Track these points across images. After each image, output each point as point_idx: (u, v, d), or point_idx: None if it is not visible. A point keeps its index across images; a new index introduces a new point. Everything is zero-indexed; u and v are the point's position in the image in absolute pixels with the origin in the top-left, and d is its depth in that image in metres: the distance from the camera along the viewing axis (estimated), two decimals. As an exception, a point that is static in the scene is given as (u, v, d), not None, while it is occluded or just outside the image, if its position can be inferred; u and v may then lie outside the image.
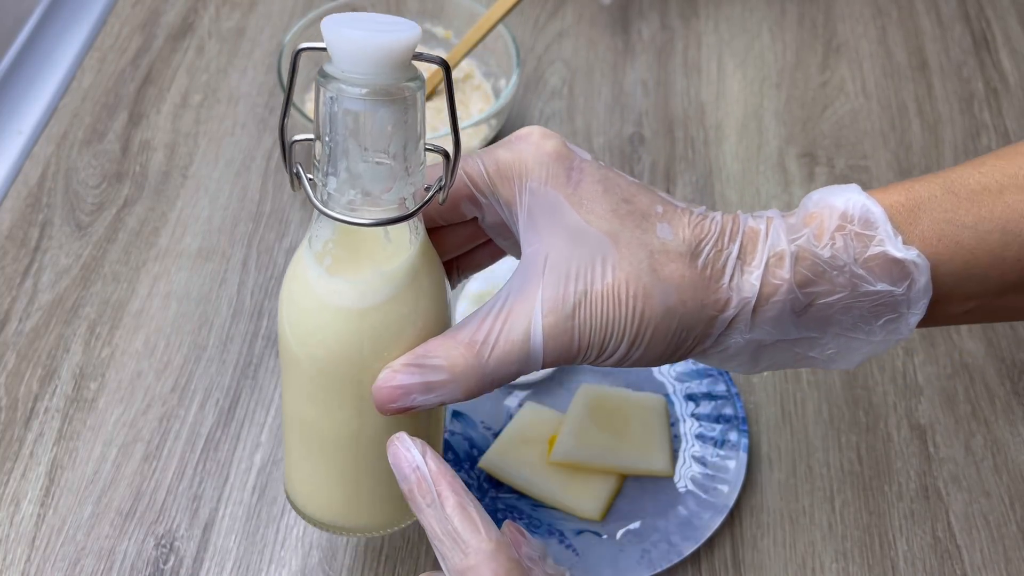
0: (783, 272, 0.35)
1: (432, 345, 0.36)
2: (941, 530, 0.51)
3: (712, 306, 0.36)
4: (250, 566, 0.49)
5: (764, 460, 0.53)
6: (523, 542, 0.36)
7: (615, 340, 0.35)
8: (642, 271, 0.35)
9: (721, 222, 0.36)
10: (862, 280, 0.35)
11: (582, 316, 0.35)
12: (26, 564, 0.49)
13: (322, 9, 0.67)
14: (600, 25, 0.77)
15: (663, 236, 0.35)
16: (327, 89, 0.33)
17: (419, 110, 0.34)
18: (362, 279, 0.36)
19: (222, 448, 0.53)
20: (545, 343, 0.35)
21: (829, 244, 0.35)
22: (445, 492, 0.34)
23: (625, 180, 0.37)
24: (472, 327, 0.35)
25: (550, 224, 0.36)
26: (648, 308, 0.35)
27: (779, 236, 0.36)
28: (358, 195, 0.34)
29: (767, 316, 0.36)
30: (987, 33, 0.76)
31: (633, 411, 0.51)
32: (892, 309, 0.36)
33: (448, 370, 0.35)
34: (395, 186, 0.34)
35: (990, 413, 0.55)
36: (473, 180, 0.37)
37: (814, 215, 0.36)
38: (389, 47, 0.32)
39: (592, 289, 0.35)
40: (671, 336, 0.36)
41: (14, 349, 0.57)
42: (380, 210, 0.35)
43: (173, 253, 0.62)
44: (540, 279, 0.35)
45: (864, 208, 0.35)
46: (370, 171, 0.34)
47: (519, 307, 0.35)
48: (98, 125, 0.69)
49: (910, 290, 0.36)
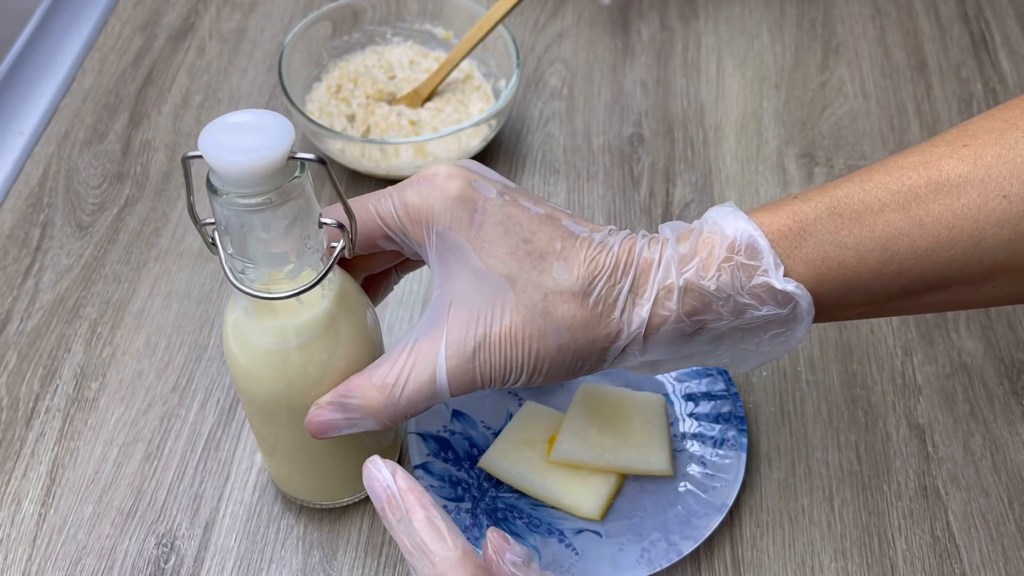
0: (671, 304, 0.38)
1: (352, 384, 0.40)
2: (940, 529, 0.51)
3: (603, 339, 0.39)
4: (251, 565, 0.49)
5: (763, 459, 0.53)
6: (507, 548, 0.36)
7: (515, 375, 0.39)
8: (536, 313, 0.38)
9: (617, 254, 0.39)
10: (748, 307, 0.38)
11: (482, 357, 0.39)
12: (27, 563, 0.49)
13: (322, 10, 0.67)
14: (600, 26, 0.77)
15: (558, 276, 0.38)
16: (216, 200, 0.35)
17: (306, 196, 0.36)
18: (281, 326, 0.40)
19: (223, 447, 0.53)
20: (450, 382, 0.39)
21: (715, 276, 0.38)
22: (413, 507, 0.35)
23: (528, 215, 0.39)
24: (386, 367, 0.40)
25: (456, 266, 0.39)
26: (542, 347, 0.38)
27: (669, 269, 0.38)
28: (265, 274, 0.37)
29: (658, 341, 0.39)
30: (986, 34, 0.76)
31: (633, 411, 0.52)
32: (779, 325, 0.39)
33: (364, 408, 0.40)
34: (297, 262, 0.38)
35: (989, 413, 0.55)
36: (386, 222, 0.40)
37: (706, 241, 0.38)
38: (265, 163, 0.34)
39: (491, 332, 0.38)
40: (567, 366, 0.39)
41: (15, 349, 0.57)
42: (288, 283, 0.38)
43: (174, 253, 0.62)
44: (445, 322, 0.39)
45: (750, 238, 0.38)
46: (271, 257, 0.37)
47: (426, 348, 0.39)
48: (99, 125, 0.69)
49: (795, 311, 0.38)
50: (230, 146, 0.34)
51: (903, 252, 0.37)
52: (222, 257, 0.38)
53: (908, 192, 0.37)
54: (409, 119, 0.65)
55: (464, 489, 0.50)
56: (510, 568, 0.36)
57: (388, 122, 0.65)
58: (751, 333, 0.40)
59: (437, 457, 0.51)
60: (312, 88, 0.68)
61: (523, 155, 0.68)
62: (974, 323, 0.59)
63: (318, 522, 0.51)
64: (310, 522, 0.51)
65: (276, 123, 0.35)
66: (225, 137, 0.34)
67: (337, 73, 0.69)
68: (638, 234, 0.40)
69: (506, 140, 0.69)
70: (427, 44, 0.71)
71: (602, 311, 0.38)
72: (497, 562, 0.36)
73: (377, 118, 0.66)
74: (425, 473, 0.50)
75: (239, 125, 0.35)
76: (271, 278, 0.38)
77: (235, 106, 0.70)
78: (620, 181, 0.66)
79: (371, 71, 0.69)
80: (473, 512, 0.49)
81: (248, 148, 0.34)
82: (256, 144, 0.34)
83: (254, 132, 0.34)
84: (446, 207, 0.39)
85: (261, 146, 0.34)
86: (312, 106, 0.67)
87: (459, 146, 0.63)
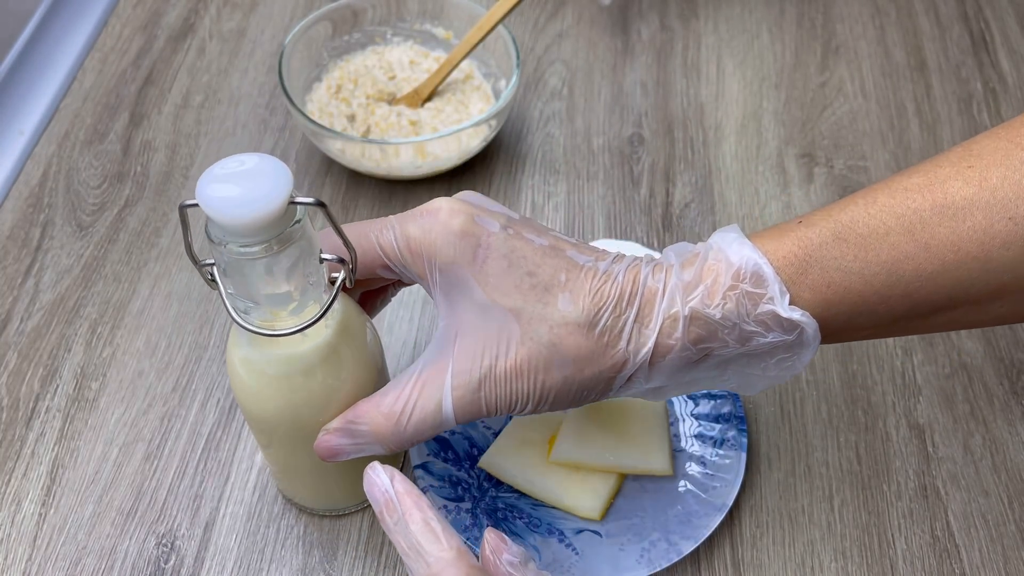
0: (677, 333, 0.38)
1: (360, 411, 0.41)
2: (940, 529, 0.51)
3: (609, 369, 0.39)
4: (251, 565, 0.49)
5: (763, 459, 0.53)
6: (504, 548, 0.37)
7: (520, 405, 0.40)
8: (542, 346, 0.38)
9: (622, 283, 0.39)
10: (753, 334, 0.38)
11: (487, 388, 0.39)
12: (27, 563, 0.49)
13: (322, 11, 0.67)
14: (600, 26, 0.77)
15: (563, 308, 0.38)
16: (217, 249, 0.35)
17: (307, 237, 0.36)
18: (286, 355, 0.40)
19: (223, 447, 0.53)
20: (455, 412, 0.39)
21: (721, 304, 0.38)
22: (410, 510, 0.36)
23: (532, 247, 0.39)
24: (393, 395, 0.40)
25: (461, 300, 0.39)
26: (548, 379, 0.39)
27: (674, 298, 0.38)
28: (267, 312, 0.37)
29: (664, 369, 0.39)
30: (986, 33, 0.76)
31: (632, 411, 0.52)
32: (785, 350, 0.39)
33: (372, 435, 0.40)
34: (301, 299, 0.38)
35: (988, 413, 0.55)
36: (387, 253, 0.40)
37: (711, 268, 0.38)
38: (264, 214, 0.34)
39: (496, 365, 0.38)
40: (572, 396, 0.40)
41: (15, 349, 0.57)
42: (292, 319, 0.38)
43: (174, 253, 0.62)
44: (451, 354, 0.39)
45: (756, 266, 0.38)
46: (274, 298, 0.37)
47: (433, 379, 0.39)
48: (99, 125, 0.69)
49: (801, 337, 0.38)
50: (228, 198, 0.33)
51: (909, 275, 0.37)
52: (223, 295, 0.37)
53: (913, 215, 0.37)
54: (409, 119, 0.65)
55: (464, 489, 0.50)
56: (507, 568, 0.36)
57: (388, 122, 0.65)
58: (757, 359, 0.40)
59: (437, 457, 0.51)
60: (312, 88, 0.68)
61: (523, 155, 0.68)
62: (974, 323, 0.59)
63: (318, 522, 0.51)
64: (310, 522, 0.51)
65: (273, 169, 0.34)
66: (222, 187, 0.33)
67: (337, 73, 0.69)
68: (642, 261, 0.40)
69: (506, 140, 0.69)
70: (427, 44, 0.71)
71: (608, 342, 0.38)
72: (494, 562, 0.36)
73: (377, 118, 0.66)
74: (425, 473, 0.50)
75: (235, 174, 0.34)
76: (274, 315, 0.38)
77: (236, 106, 0.70)
78: (620, 181, 0.67)
79: (371, 71, 0.69)
80: (473, 512, 0.49)
81: (246, 199, 0.33)
82: (254, 194, 0.33)
83: (251, 180, 0.34)
84: (449, 242, 0.39)
85: (259, 196, 0.33)
86: (312, 106, 0.67)
87: (459, 146, 0.63)
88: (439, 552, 0.35)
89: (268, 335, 0.38)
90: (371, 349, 0.43)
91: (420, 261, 0.40)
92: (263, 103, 0.71)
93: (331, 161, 0.67)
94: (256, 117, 0.70)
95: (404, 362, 0.57)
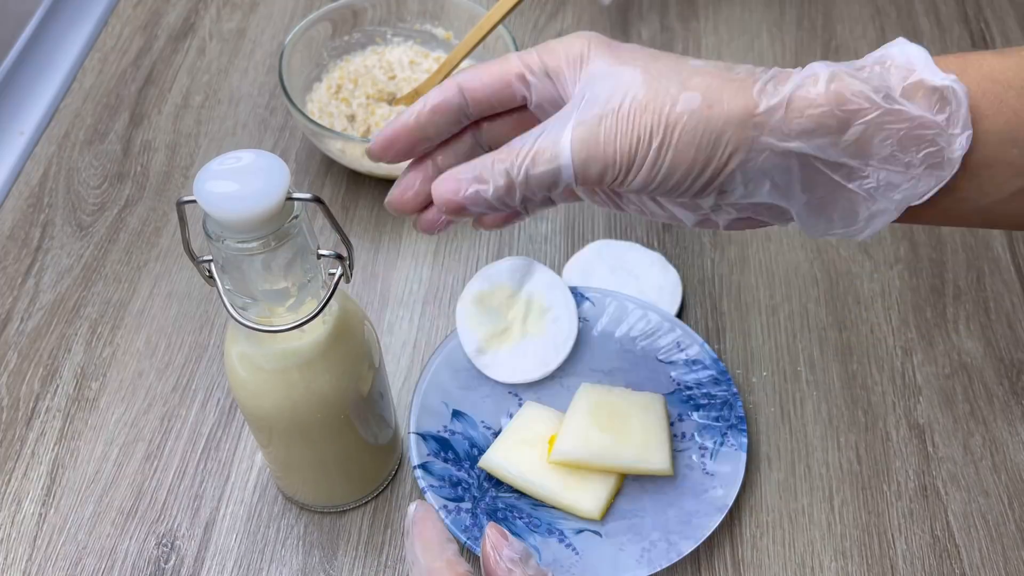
0: (818, 87, 0.36)
1: (484, 156, 0.39)
2: (940, 529, 0.51)
3: (740, 111, 0.36)
4: (251, 565, 0.49)
5: (763, 460, 0.53)
6: (505, 544, 0.36)
7: (643, 145, 0.37)
8: (671, 83, 0.37)
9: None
10: (898, 103, 0.36)
11: (608, 123, 0.37)
12: (27, 563, 0.49)
13: (322, 11, 0.67)
14: (600, 26, 0.77)
15: (696, 64, 0.38)
16: (215, 246, 0.35)
17: (304, 233, 0.36)
18: (284, 350, 0.40)
19: (223, 447, 0.53)
20: (573, 147, 0.37)
21: (867, 69, 0.36)
22: (419, 522, 0.37)
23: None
24: (519, 139, 0.39)
25: (594, 72, 0.39)
26: (672, 113, 0.37)
27: (815, 64, 0.37)
28: (265, 308, 0.38)
29: (802, 126, 0.36)
30: (986, 34, 0.76)
31: (633, 410, 0.52)
32: (932, 143, 0.36)
33: (487, 166, 0.38)
34: (298, 295, 0.38)
35: (988, 412, 0.55)
36: (527, 64, 0.40)
37: (856, 64, 0.37)
38: (262, 209, 0.34)
39: (623, 103, 0.37)
40: (699, 139, 0.37)
41: (16, 349, 0.57)
42: (289, 315, 0.38)
43: (174, 253, 0.62)
44: (577, 105, 0.38)
45: (908, 52, 0.37)
46: (272, 294, 0.37)
47: (556, 121, 0.38)
48: (99, 125, 0.69)
49: (949, 119, 0.36)
50: (226, 193, 0.33)
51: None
52: (221, 291, 0.38)
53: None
54: (409, 119, 0.65)
55: (464, 489, 0.50)
56: (507, 564, 0.36)
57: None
58: (901, 149, 0.36)
59: (437, 457, 0.51)
60: (312, 88, 0.68)
61: (523, 155, 0.68)
62: (974, 323, 0.59)
63: (318, 522, 0.51)
64: (310, 522, 0.51)
65: (270, 165, 0.34)
66: (219, 183, 0.34)
67: (337, 73, 0.69)
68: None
69: (506, 140, 0.69)
70: (427, 44, 0.71)
71: (741, 80, 0.37)
72: (495, 558, 0.36)
73: (377, 118, 0.66)
74: (425, 473, 0.50)
75: (233, 170, 0.34)
76: (272, 311, 0.38)
77: (236, 106, 0.70)
78: (620, 181, 0.66)
79: (371, 71, 0.69)
80: (473, 512, 0.49)
81: (244, 195, 0.33)
82: (252, 190, 0.33)
83: (248, 176, 0.34)
84: (583, 40, 0.39)
85: (257, 192, 0.33)
86: (312, 106, 0.67)
87: (459, 146, 0.63)
88: (430, 562, 0.36)
89: (266, 331, 0.38)
90: (368, 345, 0.43)
91: (555, 56, 0.39)
92: (263, 103, 0.71)
93: (331, 161, 0.67)
94: (256, 117, 0.70)
95: (404, 362, 0.57)
